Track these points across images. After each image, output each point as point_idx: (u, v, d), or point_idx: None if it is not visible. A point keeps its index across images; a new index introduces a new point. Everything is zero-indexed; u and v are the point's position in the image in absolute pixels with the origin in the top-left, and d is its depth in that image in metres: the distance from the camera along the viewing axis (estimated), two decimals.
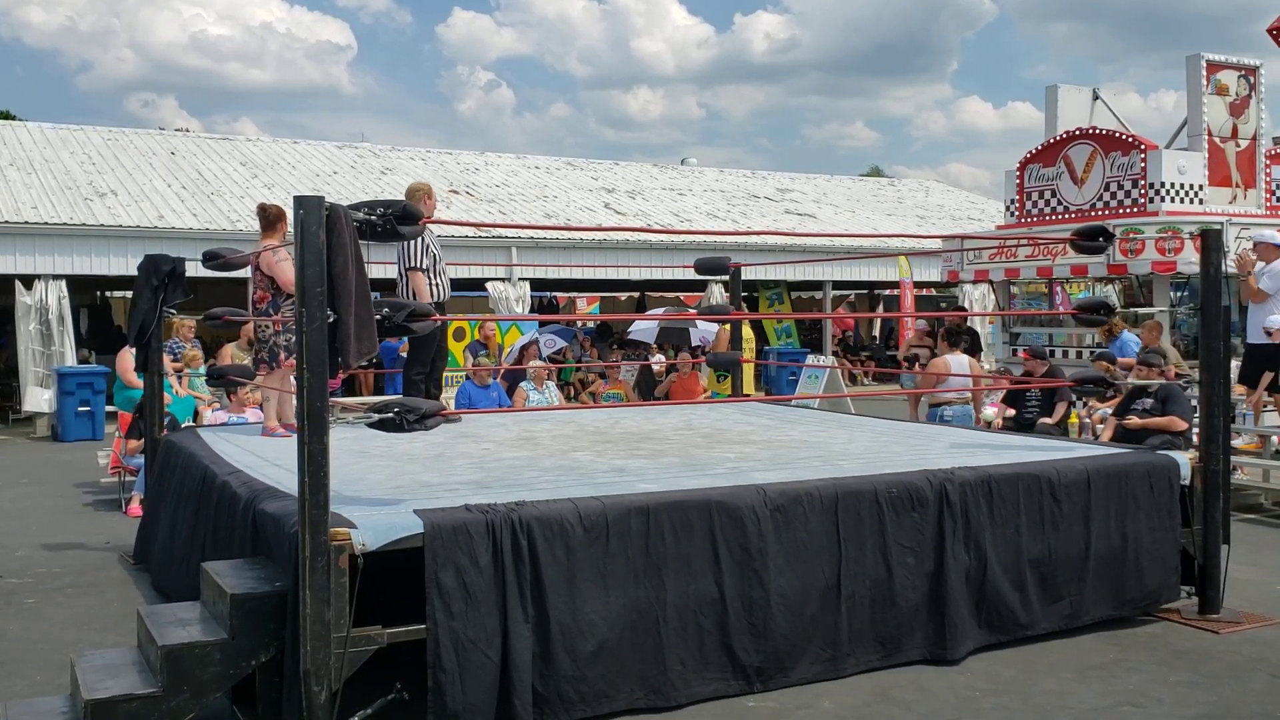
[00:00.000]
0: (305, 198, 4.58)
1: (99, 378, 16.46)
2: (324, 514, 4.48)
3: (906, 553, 5.72)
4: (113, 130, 24.54)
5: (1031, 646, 6.02)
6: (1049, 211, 14.46)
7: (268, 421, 8.08)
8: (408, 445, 7.12)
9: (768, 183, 30.96)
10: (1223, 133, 13.73)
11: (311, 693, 4.43)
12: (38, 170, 19.99)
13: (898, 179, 40.21)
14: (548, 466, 6.36)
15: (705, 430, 8.21)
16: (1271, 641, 6.13)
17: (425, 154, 27.64)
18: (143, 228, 17.73)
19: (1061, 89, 15.21)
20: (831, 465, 6.29)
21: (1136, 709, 5.14)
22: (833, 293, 26.22)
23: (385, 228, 4.94)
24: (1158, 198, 13.09)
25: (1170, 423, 8.64)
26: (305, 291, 4.53)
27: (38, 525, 9.66)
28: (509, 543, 4.82)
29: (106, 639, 6.18)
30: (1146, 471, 6.46)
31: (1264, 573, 7.66)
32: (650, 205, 25.29)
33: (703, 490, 5.42)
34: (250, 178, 22.07)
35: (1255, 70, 13.96)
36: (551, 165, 28.66)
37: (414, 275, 8.25)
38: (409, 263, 8.26)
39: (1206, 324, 6.65)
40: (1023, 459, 6.40)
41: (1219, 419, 6.60)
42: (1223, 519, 6.61)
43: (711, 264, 10.01)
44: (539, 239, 20.37)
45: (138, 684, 4.59)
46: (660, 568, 5.14)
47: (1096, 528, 6.24)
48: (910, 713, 5.12)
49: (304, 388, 4.51)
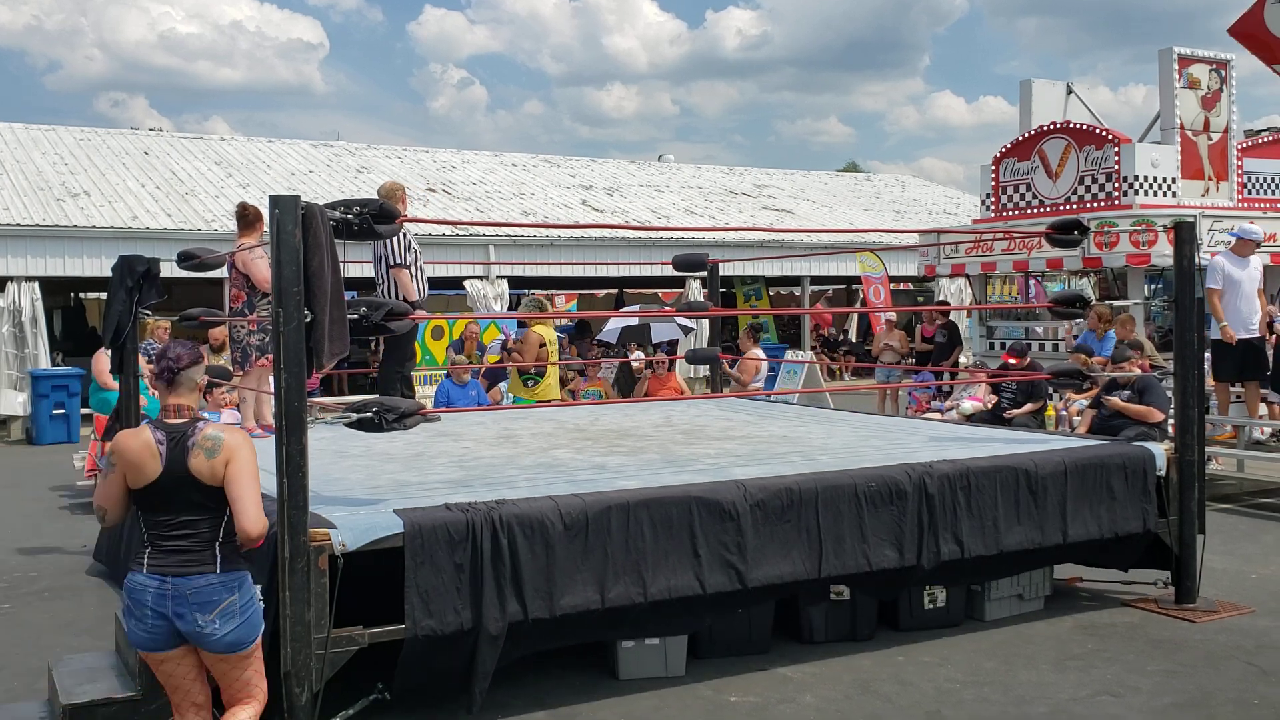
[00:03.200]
0: (281, 197, 4.56)
1: (74, 380, 16.33)
2: (303, 515, 4.46)
3: (886, 545, 5.75)
4: (85, 130, 24.31)
5: (1011, 638, 6.07)
6: (1024, 205, 14.55)
7: (245, 422, 8.03)
8: (386, 445, 7.09)
9: (745, 179, 30.99)
10: (1195, 126, 13.84)
11: (293, 694, 4.41)
12: (9, 171, 19.79)
13: (874, 174, 40.35)
14: (528, 464, 6.35)
15: (685, 426, 8.21)
16: (1247, 630, 6.20)
17: (401, 152, 27.53)
18: (117, 228, 17.58)
19: (1035, 84, 15.29)
20: (811, 460, 6.31)
21: (1115, 698, 5.19)
22: (811, 288, 26.28)
23: (362, 226, 4.93)
24: (1131, 191, 13.19)
25: (1148, 413, 8.70)
26: (282, 291, 4.50)
27: (13, 530, 9.57)
28: (489, 541, 4.81)
29: (84, 643, 6.13)
30: (1122, 463, 6.52)
31: (1239, 562, 7.74)
32: (628, 202, 25.27)
33: (683, 486, 5.43)
34: (225, 177, 21.92)
35: (1226, 64, 14.08)
36: (528, 163, 28.59)
37: (398, 271, 8.19)
38: (393, 259, 8.21)
39: (1181, 316, 6.71)
40: (1000, 452, 6.44)
41: (1194, 410, 6.66)
42: (1198, 509, 6.68)
43: (689, 260, 10.03)
44: (516, 237, 20.33)
45: (116, 688, 4.58)
46: (640, 564, 5.15)
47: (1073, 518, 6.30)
48: (891, 705, 5.14)
49: (281, 388, 4.49)
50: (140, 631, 3.74)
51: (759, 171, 32.52)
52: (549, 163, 29.13)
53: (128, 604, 3.74)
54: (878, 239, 22.86)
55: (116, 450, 3.72)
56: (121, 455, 3.70)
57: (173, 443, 3.70)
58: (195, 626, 3.69)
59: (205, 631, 3.70)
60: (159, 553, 3.71)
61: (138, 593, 3.70)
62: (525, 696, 5.28)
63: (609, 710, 5.13)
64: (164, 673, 3.84)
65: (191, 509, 3.71)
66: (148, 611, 3.69)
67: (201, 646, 3.76)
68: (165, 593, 3.68)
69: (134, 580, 3.72)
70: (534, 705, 5.18)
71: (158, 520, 3.72)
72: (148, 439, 3.71)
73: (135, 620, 3.73)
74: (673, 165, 32.04)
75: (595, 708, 5.16)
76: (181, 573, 3.68)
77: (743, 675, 5.52)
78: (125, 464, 3.69)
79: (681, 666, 5.53)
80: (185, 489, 3.68)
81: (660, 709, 5.12)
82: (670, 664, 5.50)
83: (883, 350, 16.57)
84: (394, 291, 8.21)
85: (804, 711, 5.08)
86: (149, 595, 3.69)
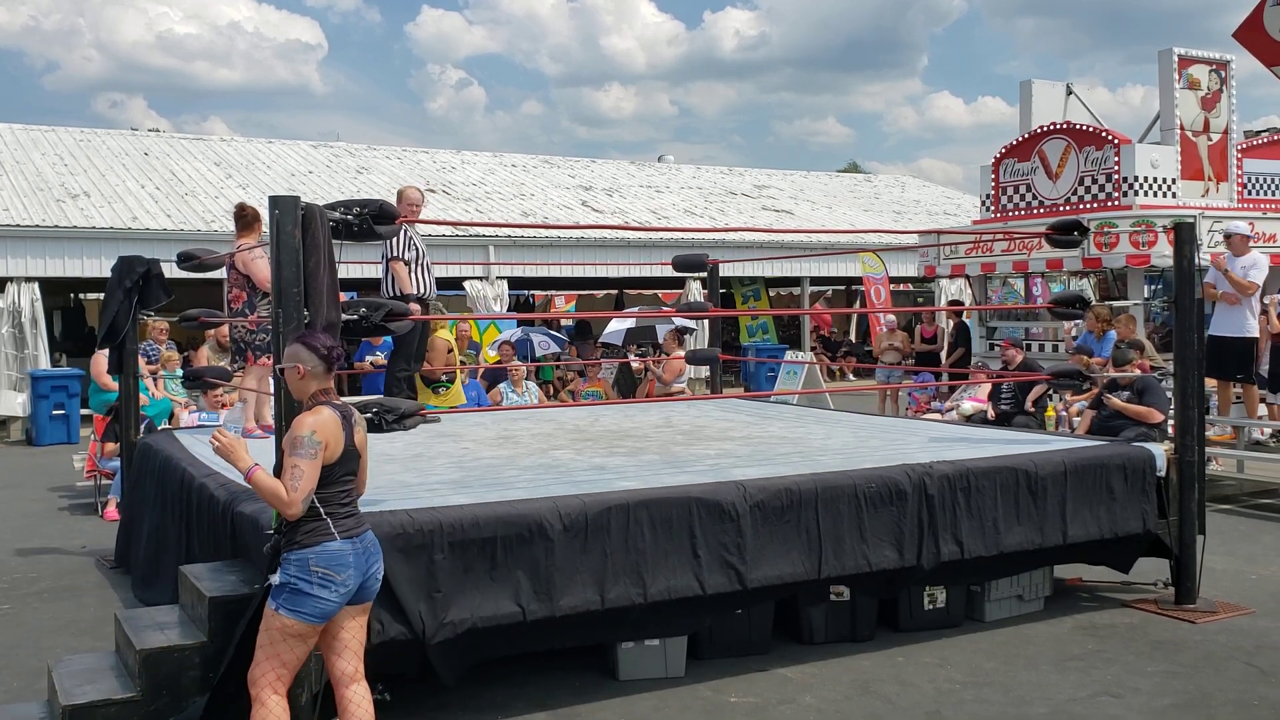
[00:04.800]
0: (280, 197, 4.57)
1: (73, 380, 16.32)
2: None
3: (885, 545, 5.75)
4: (85, 131, 24.31)
5: (1011, 638, 6.07)
6: (1024, 206, 14.54)
7: (245, 422, 8.03)
8: (386, 445, 7.09)
9: (745, 179, 30.98)
10: (1195, 127, 13.84)
11: (292, 694, 4.40)
12: (8, 172, 19.79)
13: (874, 175, 40.34)
14: (527, 465, 6.35)
15: (685, 427, 8.21)
16: (1247, 631, 6.19)
17: (401, 153, 27.52)
18: (116, 229, 17.57)
19: (1035, 84, 15.29)
20: (811, 460, 6.31)
21: (1115, 699, 5.18)
22: (810, 289, 26.28)
23: (362, 227, 4.93)
24: (1131, 192, 13.18)
25: (1148, 413, 8.70)
26: (281, 292, 4.51)
27: (13, 530, 9.57)
28: (479, 542, 4.81)
29: (84, 644, 6.13)
30: (1122, 464, 6.51)
31: (1239, 563, 7.74)
32: (628, 203, 25.26)
33: (683, 487, 5.42)
34: (225, 178, 21.91)
35: (1226, 65, 14.07)
36: (528, 163, 28.59)
37: (394, 264, 8.27)
38: (390, 253, 8.26)
39: (1181, 316, 6.70)
40: (1000, 452, 6.44)
41: (1194, 411, 6.65)
42: (1198, 510, 6.67)
43: (689, 261, 10.02)
44: (516, 237, 20.32)
45: (116, 689, 4.56)
46: (640, 564, 5.14)
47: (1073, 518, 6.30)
48: (891, 705, 5.14)
49: (281, 388, 4.49)
50: (336, 599, 3.99)
51: (759, 172, 32.51)
52: (549, 163, 29.12)
53: (321, 575, 3.94)
54: (878, 240, 22.86)
55: (322, 429, 3.95)
56: (327, 433, 3.97)
57: (344, 419, 4.08)
58: (377, 576, 4.16)
59: (379, 576, 4.19)
60: (343, 518, 4.03)
61: (339, 558, 3.97)
62: (525, 697, 5.27)
63: (609, 711, 5.13)
64: (349, 630, 4.12)
65: (351, 477, 4.12)
66: (350, 574, 4.00)
67: (368, 598, 4.16)
68: (360, 551, 4.05)
69: (330, 549, 3.96)
70: (534, 706, 5.18)
71: (341, 490, 4.05)
72: (335, 416, 4.03)
73: (332, 588, 3.97)
74: (673, 166, 32.03)
75: (595, 708, 5.15)
76: (362, 531, 4.11)
77: (743, 676, 5.52)
78: (330, 439, 3.97)
79: (681, 667, 5.52)
80: (352, 460, 4.09)
81: (660, 710, 5.12)
82: (670, 665, 5.50)
83: (884, 351, 16.58)
84: (390, 288, 8.24)
85: (804, 712, 5.08)
86: (350, 558, 4.00)
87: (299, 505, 3.90)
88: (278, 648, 3.99)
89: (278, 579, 3.97)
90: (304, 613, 3.94)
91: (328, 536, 3.97)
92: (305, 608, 3.94)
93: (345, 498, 4.07)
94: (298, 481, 3.89)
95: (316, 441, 3.93)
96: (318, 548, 3.96)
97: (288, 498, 3.89)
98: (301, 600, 3.94)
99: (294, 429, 3.98)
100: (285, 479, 3.92)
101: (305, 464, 3.90)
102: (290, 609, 3.94)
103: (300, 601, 3.94)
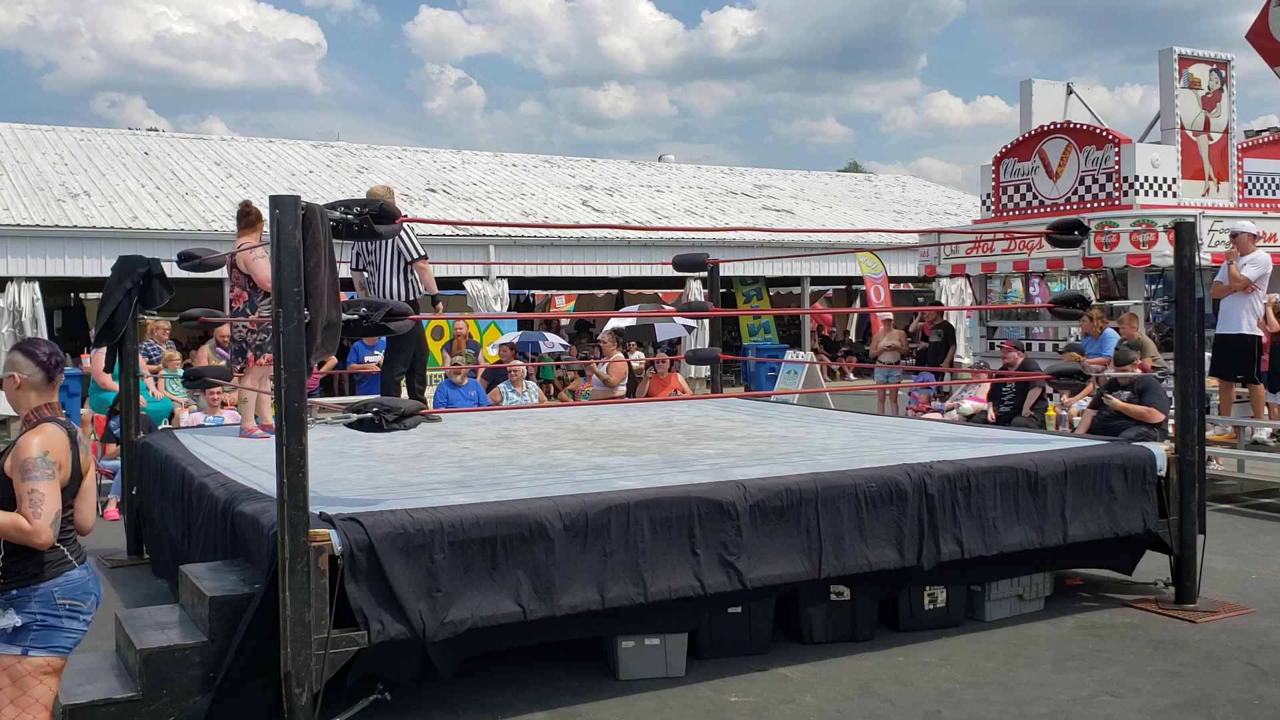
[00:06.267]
0: (281, 197, 4.56)
1: (74, 380, 16.30)
2: (303, 515, 4.45)
3: (885, 545, 5.75)
4: (85, 131, 24.32)
5: (1012, 638, 6.07)
6: (1025, 206, 14.54)
7: (245, 423, 8.03)
8: (386, 445, 7.09)
9: (745, 179, 30.98)
10: (1195, 126, 13.84)
11: (292, 694, 4.41)
12: (9, 171, 19.79)
13: (874, 174, 40.34)
14: (528, 465, 6.35)
15: (685, 427, 8.21)
16: (1247, 630, 6.19)
17: (401, 152, 27.53)
18: (117, 229, 17.58)
19: (1036, 84, 15.28)
20: (811, 460, 6.31)
21: (1115, 699, 5.18)
22: (811, 288, 26.28)
23: (362, 227, 4.93)
24: (1132, 191, 13.18)
25: (1149, 413, 8.70)
26: (282, 291, 4.50)
27: None
28: (480, 541, 4.81)
29: (84, 643, 6.09)
30: (1123, 463, 6.51)
31: (1239, 562, 7.73)
32: (628, 202, 25.26)
33: (683, 486, 5.42)
34: (225, 178, 21.91)
35: (1226, 64, 14.07)
36: (528, 163, 28.59)
37: (421, 265, 8.29)
38: (412, 254, 8.25)
39: (1181, 316, 6.70)
40: (1000, 452, 6.44)
41: (1194, 410, 6.65)
42: (1198, 509, 6.67)
43: (690, 260, 10.02)
44: (517, 237, 20.33)
45: (116, 688, 4.57)
46: (640, 564, 5.14)
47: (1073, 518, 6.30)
48: (892, 705, 5.14)
49: (281, 388, 4.49)
50: (84, 629, 3.80)
51: (759, 172, 32.51)
52: (549, 163, 29.13)
53: (69, 607, 3.71)
54: (878, 239, 22.86)
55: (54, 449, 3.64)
56: (59, 452, 3.66)
57: (70, 438, 3.74)
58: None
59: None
60: (74, 544, 3.78)
61: (82, 586, 3.75)
62: (525, 697, 5.27)
63: (609, 711, 5.12)
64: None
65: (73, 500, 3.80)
66: (92, 601, 3.81)
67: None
68: (94, 576, 3.83)
69: (73, 578, 3.72)
70: (534, 706, 5.18)
71: (68, 515, 3.75)
72: (62, 434, 3.70)
73: (80, 618, 3.77)
74: (673, 166, 32.03)
75: (595, 708, 5.15)
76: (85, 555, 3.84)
77: (743, 675, 5.52)
78: (62, 460, 3.67)
79: (681, 667, 5.52)
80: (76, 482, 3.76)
81: (660, 709, 5.12)
82: (670, 664, 5.50)
83: (883, 350, 16.57)
84: (404, 290, 8.21)
85: (804, 712, 5.08)
86: (90, 584, 3.80)
87: (48, 532, 3.53)
88: (35, 693, 3.65)
89: (17, 621, 3.61)
90: (60, 647, 3.71)
91: (68, 565, 3.70)
92: (60, 642, 3.70)
93: (70, 525, 3.73)
94: (40, 507, 3.51)
95: (51, 461, 3.59)
96: (60, 579, 3.67)
97: (32, 525, 3.50)
98: (54, 635, 3.68)
99: (19, 450, 3.58)
100: (23, 508, 3.52)
101: (44, 486, 3.54)
102: (44, 647, 3.65)
103: (53, 637, 3.68)
